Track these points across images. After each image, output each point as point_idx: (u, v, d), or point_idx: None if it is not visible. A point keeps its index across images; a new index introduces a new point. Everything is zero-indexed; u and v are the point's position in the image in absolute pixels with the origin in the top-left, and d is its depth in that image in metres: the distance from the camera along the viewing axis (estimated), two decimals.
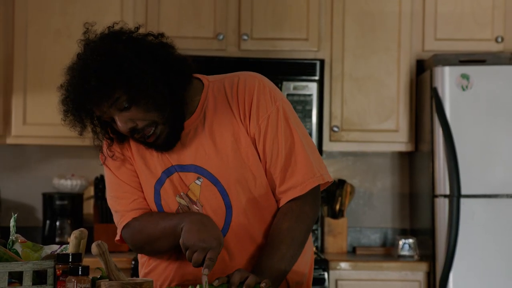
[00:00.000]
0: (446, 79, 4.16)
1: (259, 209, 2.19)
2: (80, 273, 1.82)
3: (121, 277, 1.93)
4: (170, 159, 2.17)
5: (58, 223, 4.54)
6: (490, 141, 4.13)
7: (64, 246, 2.08)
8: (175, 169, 2.17)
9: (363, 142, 4.53)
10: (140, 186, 2.22)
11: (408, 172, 4.83)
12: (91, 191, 4.71)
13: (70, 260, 1.88)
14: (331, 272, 4.21)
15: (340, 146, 4.56)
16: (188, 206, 2.18)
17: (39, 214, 4.72)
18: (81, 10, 4.40)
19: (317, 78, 4.41)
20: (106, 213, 4.42)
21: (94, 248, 1.90)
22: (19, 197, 4.74)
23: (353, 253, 4.71)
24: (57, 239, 4.50)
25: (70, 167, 4.73)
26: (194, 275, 2.17)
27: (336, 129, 4.50)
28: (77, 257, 1.90)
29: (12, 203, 4.68)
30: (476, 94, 4.15)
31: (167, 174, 2.18)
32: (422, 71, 4.50)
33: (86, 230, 2.02)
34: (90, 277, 1.88)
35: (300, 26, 4.49)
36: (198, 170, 2.15)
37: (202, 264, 2.01)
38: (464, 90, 4.16)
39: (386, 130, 4.51)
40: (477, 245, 4.10)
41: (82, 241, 1.99)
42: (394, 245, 4.55)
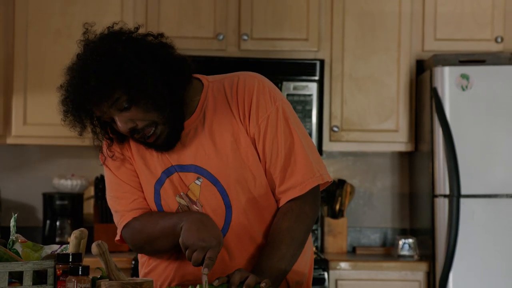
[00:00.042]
0: (446, 79, 4.17)
1: (259, 209, 2.19)
2: (80, 273, 1.82)
3: (121, 277, 1.93)
4: (170, 159, 2.17)
5: (58, 223, 4.54)
6: (490, 141, 4.14)
7: (64, 246, 2.08)
8: (175, 169, 2.17)
9: (363, 142, 4.53)
10: (140, 186, 2.22)
11: (408, 172, 4.83)
12: (91, 191, 4.71)
13: (70, 260, 1.88)
14: (331, 272, 4.21)
15: (340, 146, 4.56)
16: (188, 206, 2.18)
17: (39, 214, 4.72)
18: (81, 10, 4.40)
19: (317, 78, 4.41)
20: (106, 213, 4.42)
21: (94, 248, 1.90)
22: (20, 197, 4.74)
23: (353, 253, 4.71)
24: (57, 239, 4.50)
25: (70, 167, 4.73)
26: (194, 275, 2.17)
27: (336, 129, 4.50)
28: (77, 257, 1.90)
29: (12, 203, 4.68)
30: (476, 94, 4.15)
31: (167, 174, 2.18)
32: (422, 71, 4.50)
33: (86, 230, 2.02)
34: (90, 277, 1.88)
35: (300, 26, 4.49)
36: (198, 170, 2.15)
37: (201, 263, 2.01)
38: (464, 90, 4.16)
39: (386, 130, 4.51)
40: (477, 245, 4.10)
41: (82, 241, 1.99)
42: (394, 245, 4.55)
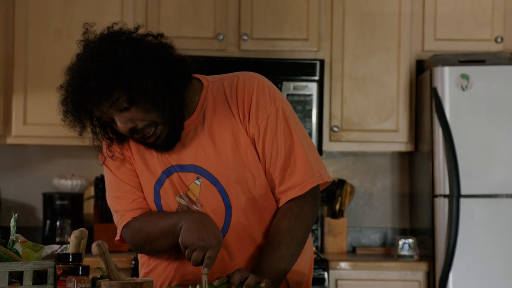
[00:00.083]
0: (446, 79, 4.17)
1: (259, 209, 2.19)
2: (80, 273, 1.82)
3: (121, 277, 1.93)
4: (169, 159, 2.17)
5: (58, 223, 4.54)
6: (490, 141, 4.14)
7: (64, 246, 2.08)
8: (175, 169, 2.17)
9: (363, 142, 4.53)
10: (140, 186, 2.22)
11: (408, 172, 4.83)
12: (91, 191, 4.72)
13: (71, 260, 1.88)
14: (331, 272, 4.21)
15: (340, 146, 4.56)
16: (188, 206, 2.18)
17: (40, 214, 4.72)
18: (81, 11, 4.41)
19: (317, 78, 4.41)
20: (106, 213, 4.42)
21: (94, 248, 1.90)
22: (20, 197, 4.74)
23: (353, 253, 4.71)
24: (57, 239, 4.50)
25: (70, 167, 4.73)
26: (194, 275, 2.17)
27: (336, 129, 4.50)
28: (77, 257, 1.90)
29: (12, 203, 4.68)
30: (475, 94, 4.15)
31: (167, 174, 2.18)
32: (422, 71, 4.50)
33: (86, 230, 2.02)
34: (90, 277, 1.88)
35: (300, 26, 4.49)
36: (198, 170, 2.15)
37: (201, 263, 2.01)
38: (464, 90, 4.16)
39: (386, 130, 4.51)
40: (476, 245, 4.10)
41: (82, 241, 1.99)
42: (394, 245, 4.55)
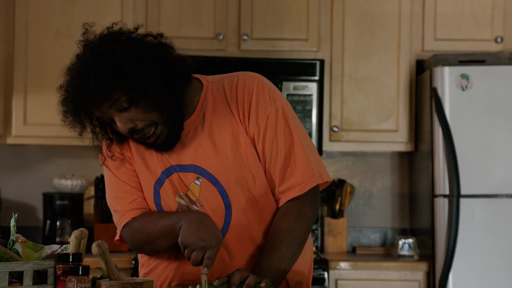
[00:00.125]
0: (446, 79, 4.17)
1: (259, 209, 2.19)
2: (80, 273, 1.82)
3: (121, 277, 1.93)
4: (169, 159, 2.17)
5: (58, 223, 4.54)
6: (490, 141, 4.14)
7: (64, 246, 2.08)
8: (175, 169, 2.17)
9: (363, 142, 4.53)
10: (139, 186, 2.22)
11: (407, 172, 4.84)
12: (92, 191, 4.72)
13: (71, 260, 1.88)
14: (331, 272, 4.21)
15: (340, 146, 4.57)
16: (187, 206, 2.18)
17: (40, 214, 4.72)
18: (81, 10, 4.41)
19: (317, 78, 4.41)
20: (106, 213, 4.42)
21: (94, 248, 1.90)
22: (20, 197, 4.74)
23: (353, 253, 4.71)
24: (57, 239, 4.50)
25: (70, 167, 4.73)
26: (194, 275, 2.17)
27: (336, 129, 4.50)
28: (77, 257, 1.90)
29: (12, 203, 4.69)
30: (475, 94, 4.15)
31: (167, 174, 2.18)
32: (421, 71, 4.50)
33: (87, 230, 2.02)
34: (91, 277, 1.88)
35: (300, 26, 4.50)
36: (198, 170, 2.15)
37: (201, 263, 2.01)
38: (463, 90, 4.16)
39: (385, 130, 4.51)
40: (476, 245, 4.10)
41: (82, 241, 1.99)
42: (394, 245, 4.55)
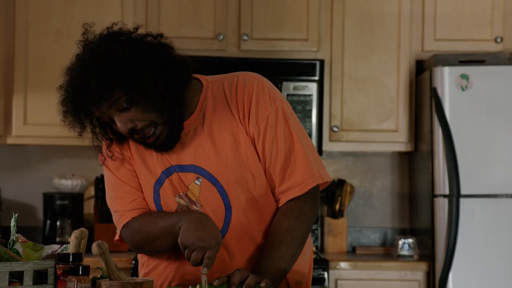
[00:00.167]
0: (446, 79, 4.17)
1: (259, 209, 2.19)
2: (80, 272, 1.83)
3: (121, 276, 1.93)
4: (169, 159, 2.17)
5: (58, 223, 4.54)
6: (490, 141, 4.14)
7: (64, 246, 2.08)
8: (175, 169, 2.17)
9: (363, 142, 4.54)
10: (139, 186, 2.22)
11: (407, 172, 4.84)
12: (92, 191, 4.72)
13: (71, 259, 1.89)
14: (331, 271, 4.22)
15: (340, 146, 4.57)
16: (187, 206, 2.18)
17: (40, 214, 4.73)
18: (81, 11, 4.41)
19: (317, 78, 4.41)
20: (107, 213, 4.42)
21: (94, 248, 1.90)
22: (20, 197, 4.75)
23: (353, 252, 4.71)
24: (57, 239, 4.50)
25: (70, 167, 4.73)
26: (194, 275, 2.17)
27: (336, 129, 4.50)
28: (77, 256, 1.90)
29: (12, 203, 4.69)
30: (475, 94, 4.15)
31: (167, 174, 2.18)
32: (421, 71, 4.50)
33: (87, 230, 2.02)
34: (91, 276, 1.88)
35: (300, 26, 4.50)
36: (198, 170, 2.15)
37: (200, 263, 2.02)
38: (463, 90, 4.16)
39: (385, 130, 4.51)
40: (476, 245, 4.10)
41: (82, 241, 1.99)
42: (394, 245, 4.55)
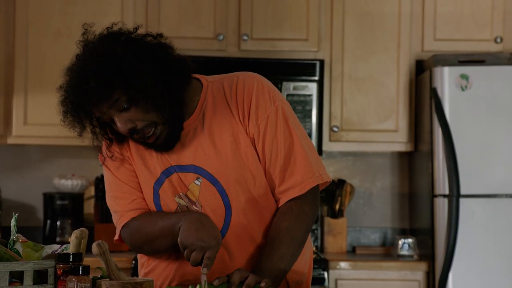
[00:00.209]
0: (446, 79, 4.17)
1: (259, 209, 2.19)
2: (80, 272, 1.83)
3: (121, 276, 1.94)
4: (169, 160, 2.17)
5: (58, 223, 4.54)
6: (490, 141, 4.14)
7: (64, 245, 2.08)
8: (174, 169, 2.17)
9: (363, 142, 4.54)
10: (139, 187, 2.22)
11: (407, 172, 4.84)
12: (92, 191, 4.72)
13: (71, 259, 1.89)
14: (331, 271, 4.22)
15: (340, 146, 4.57)
16: (187, 207, 2.18)
17: (40, 214, 4.73)
18: (81, 11, 4.41)
19: (317, 78, 4.41)
20: (107, 213, 4.42)
21: (94, 247, 1.90)
22: (20, 197, 4.75)
23: (352, 252, 4.71)
24: (57, 239, 4.51)
25: (70, 167, 4.73)
26: (194, 275, 2.17)
27: (336, 129, 4.51)
28: (77, 256, 1.90)
29: (13, 203, 4.69)
30: (475, 94, 4.15)
31: (166, 174, 2.18)
32: (421, 72, 4.51)
33: (87, 230, 2.02)
34: (91, 276, 1.88)
35: (300, 26, 4.50)
36: (198, 171, 2.16)
37: (200, 263, 2.02)
38: (463, 90, 4.16)
39: (385, 130, 4.51)
40: (476, 245, 4.11)
41: (82, 240, 1.99)
42: (394, 244, 4.56)
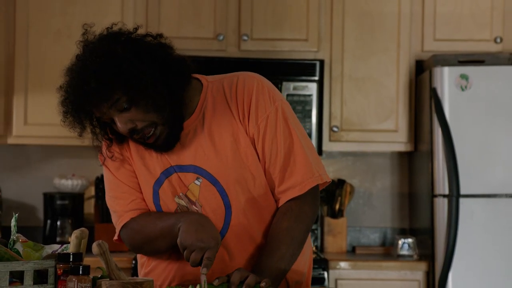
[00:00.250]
0: (445, 80, 4.17)
1: (259, 209, 2.20)
2: (81, 272, 1.83)
3: (121, 276, 1.94)
4: (169, 160, 2.17)
5: (59, 223, 4.55)
6: (489, 141, 4.14)
7: (65, 245, 2.08)
8: (174, 169, 2.17)
9: (363, 142, 4.54)
10: (138, 187, 2.22)
11: (407, 172, 4.84)
12: (92, 191, 4.72)
13: (71, 259, 1.89)
14: (331, 271, 4.22)
15: (339, 146, 4.57)
16: (187, 207, 2.18)
17: (40, 214, 4.73)
18: (81, 11, 4.41)
19: (316, 78, 4.41)
20: (107, 213, 4.41)
21: (94, 247, 1.90)
22: (20, 197, 4.75)
23: (352, 252, 4.71)
24: (58, 239, 4.51)
25: (70, 167, 4.74)
26: (194, 275, 2.17)
27: (335, 129, 4.51)
28: (78, 256, 1.90)
29: (13, 203, 4.69)
30: (475, 94, 4.16)
31: (166, 175, 2.18)
32: (421, 72, 4.51)
33: (87, 230, 2.02)
34: (91, 276, 1.88)
35: (300, 26, 4.50)
36: (198, 171, 2.16)
37: (200, 263, 2.02)
38: (463, 90, 4.16)
39: (385, 130, 4.52)
40: (476, 244, 4.11)
41: (83, 240, 1.99)
42: (394, 244, 4.56)
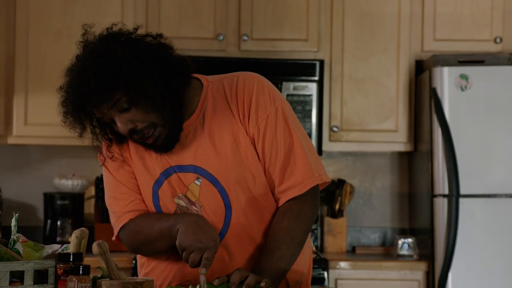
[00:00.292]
0: (445, 80, 4.17)
1: (259, 209, 2.20)
2: (81, 272, 1.83)
3: (121, 276, 1.94)
4: (169, 160, 2.17)
5: (59, 223, 4.55)
6: (489, 141, 4.15)
7: (65, 245, 2.09)
8: (174, 170, 2.17)
9: (363, 142, 4.54)
10: (137, 188, 2.22)
11: (407, 172, 4.84)
12: (92, 191, 4.72)
13: (71, 259, 1.89)
14: (331, 271, 4.22)
15: (339, 146, 4.57)
16: (186, 207, 2.18)
17: (40, 214, 4.73)
18: (81, 11, 4.41)
19: (316, 78, 4.42)
20: (107, 213, 4.33)
21: (95, 247, 1.91)
22: (20, 197, 4.75)
23: (352, 252, 4.72)
24: (58, 239, 4.51)
25: (71, 167, 4.74)
26: (194, 275, 2.17)
27: (335, 129, 4.51)
28: (78, 256, 1.90)
29: (13, 203, 4.69)
30: (475, 94, 4.16)
31: (166, 175, 2.18)
32: (421, 72, 4.51)
33: (87, 230, 2.02)
34: (91, 276, 1.89)
35: (300, 26, 4.50)
36: (198, 171, 2.16)
37: (199, 264, 2.02)
38: (463, 90, 4.17)
39: (385, 130, 4.52)
40: (476, 244, 4.11)
41: (83, 240, 2.00)
42: (394, 244, 4.56)
